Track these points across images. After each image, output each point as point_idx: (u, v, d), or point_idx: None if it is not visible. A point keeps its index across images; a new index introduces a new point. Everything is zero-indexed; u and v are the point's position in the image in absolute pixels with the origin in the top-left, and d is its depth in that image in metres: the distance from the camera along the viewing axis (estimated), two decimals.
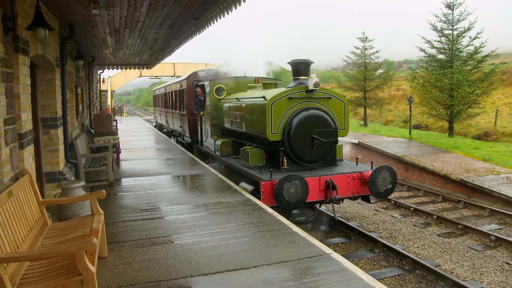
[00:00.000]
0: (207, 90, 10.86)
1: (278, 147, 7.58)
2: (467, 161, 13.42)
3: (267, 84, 9.42)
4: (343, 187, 7.25)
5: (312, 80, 7.42)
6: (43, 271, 2.81)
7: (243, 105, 8.64)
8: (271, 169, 7.05)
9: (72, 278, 2.64)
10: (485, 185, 10.72)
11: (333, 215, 7.65)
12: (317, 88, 7.53)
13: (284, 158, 7.52)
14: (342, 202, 8.40)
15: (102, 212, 4.03)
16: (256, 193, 6.90)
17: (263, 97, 7.66)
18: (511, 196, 9.86)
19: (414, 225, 8.79)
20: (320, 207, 8.41)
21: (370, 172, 7.24)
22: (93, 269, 2.69)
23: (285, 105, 7.48)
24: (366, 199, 7.66)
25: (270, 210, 5.71)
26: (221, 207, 5.90)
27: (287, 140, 7.46)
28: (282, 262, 3.91)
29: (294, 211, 7.32)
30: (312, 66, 8.13)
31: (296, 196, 6.54)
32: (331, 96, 7.87)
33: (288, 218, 5.77)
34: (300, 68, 7.84)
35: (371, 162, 7.94)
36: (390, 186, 7.34)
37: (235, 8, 5.42)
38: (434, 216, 9.03)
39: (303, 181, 6.59)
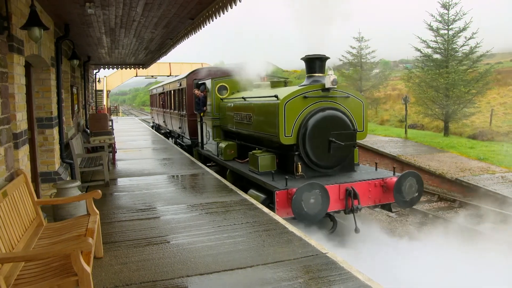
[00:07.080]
0: (209, 88, 10.23)
1: (291, 151, 6.88)
2: (463, 161, 13.49)
3: (275, 82, 8.76)
4: (365, 195, 6.54)
5: (329, 78, 6.74)
6: (38, 272, 2.80)
7: (252, 104, 7.97)
8: (286, 177, 6.41)
9: (68, 279, 2.63)
10: (480, 184, 10.78)
11: (354, 226, 6.61)
12: (335, 86, 6.85)
13: (299, 163, 6.82)
14: (361, 211, 7.25)
15: (97, 212, 4.02)
16: (268, 202, 6.30)
17: (275, 96, 6.97)
18: (506, 195, 9.93)
19: (409, 225, 8.84)
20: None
21: (394, 179, 6.57)
22: (88, 269, 2.69)
23: (300, 105, 6.80)
24: (384, 207, 7.06)
25: (266, 210, 5.71)
26: (217, 207, 5.89)
27: (302, 144, 6.76)
28: (278, 262, 3.91)
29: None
30: None
31: (316, 207, 5.86)
32: (349, 95, 7.19)
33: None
34: (315, 64, 7.13)
35: (394, 168, 7.24)
36: (417, 194, 6.63)
37: (231, 8, 5.42)
38: (430, 216, 9.08)
39: (324, 190, 5.92)
